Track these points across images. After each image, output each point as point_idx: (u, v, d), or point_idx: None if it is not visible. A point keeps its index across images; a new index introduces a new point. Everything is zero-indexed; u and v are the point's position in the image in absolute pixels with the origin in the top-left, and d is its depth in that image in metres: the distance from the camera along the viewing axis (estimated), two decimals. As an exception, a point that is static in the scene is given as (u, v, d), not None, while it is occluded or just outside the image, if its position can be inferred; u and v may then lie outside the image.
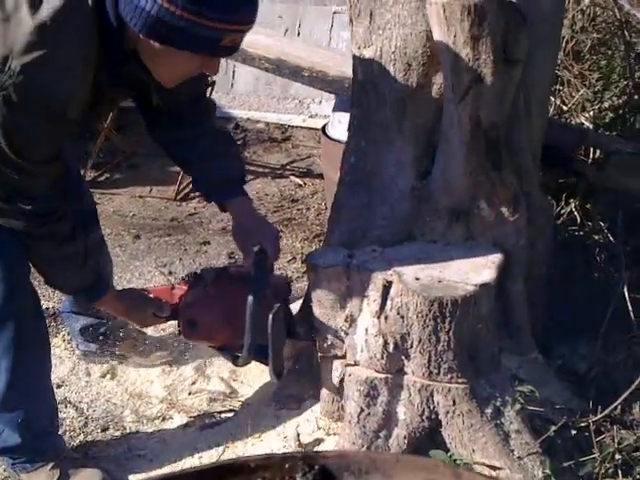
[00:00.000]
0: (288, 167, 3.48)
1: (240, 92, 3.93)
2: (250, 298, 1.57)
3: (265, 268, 1.65)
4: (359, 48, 1.72)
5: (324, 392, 1.80)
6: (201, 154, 1.74)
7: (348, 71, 2.14)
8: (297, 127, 3.83)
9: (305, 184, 3.33)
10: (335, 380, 1.75)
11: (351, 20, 1.73)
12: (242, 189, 1.82)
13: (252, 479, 0.62)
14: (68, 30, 1.29)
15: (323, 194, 3.18)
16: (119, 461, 1.84)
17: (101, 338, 2.15)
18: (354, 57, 1.75)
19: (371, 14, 1.68)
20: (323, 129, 2.57)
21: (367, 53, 1.71)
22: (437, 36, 1.55)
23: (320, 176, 3.37)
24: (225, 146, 1.79)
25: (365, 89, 1.74)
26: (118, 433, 1.94)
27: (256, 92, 3.95)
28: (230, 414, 1.94)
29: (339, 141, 2.37)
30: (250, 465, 0.64)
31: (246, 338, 1.60)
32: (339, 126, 2.40)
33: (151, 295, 1.81)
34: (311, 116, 3.85)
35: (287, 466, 0.63)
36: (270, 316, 1.58)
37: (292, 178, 3.38)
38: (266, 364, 1.68)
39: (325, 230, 2.87)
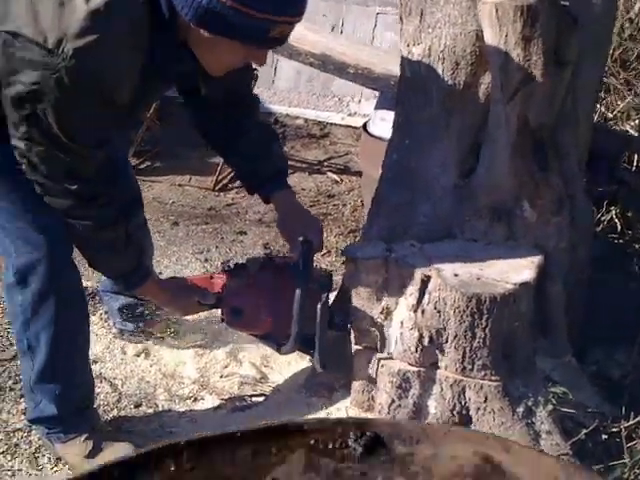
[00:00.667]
0: (325, 163, 3.51)
1: (281, 88, 3.96)
2: (298, 289, 1.61)
3: (311, 259, 1.68)
4: (408, 46, 1.74)
5: (356, 382, 1.82)
6: (246, 147, 1.78)
7: (393, 69, 2.17)
8: (336, 124, 3.85)
9: (342, 181, 3.35)
10: (368, 371, 1.77)
11: (401, 18, 1.76)
12: (285, 182, 1.85)
13: (305, 441, 0.65)
14: (120, 17, 1.32)
15: (359, 191, 3.20)
16: (151, 437, 1.88)
17: (138, 318, 2.21)
18: (402, 55, 1.77)
19: (422, 13, 1.70)
20: (364, 126, 2.59)
21: (416, 51, 1.73)
22: (488, 36, 1.56)
23: (357, 173, 3.40)
24: (269, 140, 1.83)
25: (412, 87, 1.76)
26: (150, 410, 1.99)
27: (297, 88, 3.98)
28: (260, 399, 1.98)
29: (380, 138, 2.39)
30: (304, 427, 0.66)
31: (293, 328, 1.63)
32: (381, 123, 2.42)
33: (192, 283, 1.84)
34: (350, 114, 3.87)
35: (339, 431, 0.66)
36: (318, 306, 1.62)
37: (329, 174, 3.40)
38: (309, 354, 1.72)
39: (360, 226, 2.90)
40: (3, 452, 1.84)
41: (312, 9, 4.03)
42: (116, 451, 1.76)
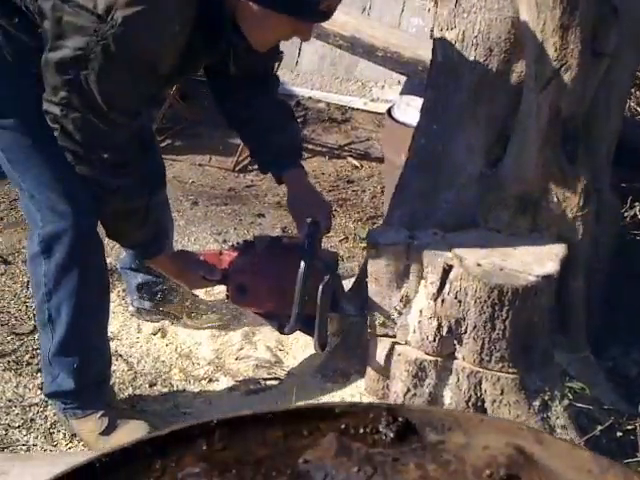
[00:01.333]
0: (346, 148, 3.49)
1: (304, 70, 3.93)
2: (301, 269, 1.60)
3: (317, 240, 1.68)
4: (441, 30, 1.71)
5: (370, 369, 1.82)
6: (261, 126, 1.78)
7: (423, 54, 2.14)
8: (358, 109, 3.82)
9: (362, 166, 3.33)
10: (384, 358, 1.76)
11: (436, 2, 1.73)
12: (298, 162, 1.84)
13: (336, 425, 0.64)
14: None
15: (379, 177, 3.18)
16: (165, 417, 1.89)
17: (156, 296, 2.20)
18: (435, 39, 1.74)
19: (457, -4, 1.67)
20: (388, 111, 2.56)
21: (449, 36, 1.70)
22: (525, 23, 1.53)
23: (377, 160, 3.37)
24: (285, 119, 1.82)
25: (443, 72, 1.73)
26: (165, 390, 1.99)
27: (320, 72, 3.95)
28: (275, 382, 1.98)
29: (405, 124, 2.36)
30: (335, 411, 0.65)
31: (294, 308, 1.63)
32: (406, 109, 2.39)
33: (201, 258, 1.85)
34: (373, 100, 3.83)
35: (371, 415, 0.65)
36: (320, 287, 1.61)
37: (349, 159, 3.38)
38: (311, 335, 1.71)
39: (379, 213, 2.88)
40: (19, 426, 1.85)
41: (339, -8, 3.98)
42: (131, 429, 1.76)
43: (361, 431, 0.64)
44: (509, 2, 1.61)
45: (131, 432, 1.75)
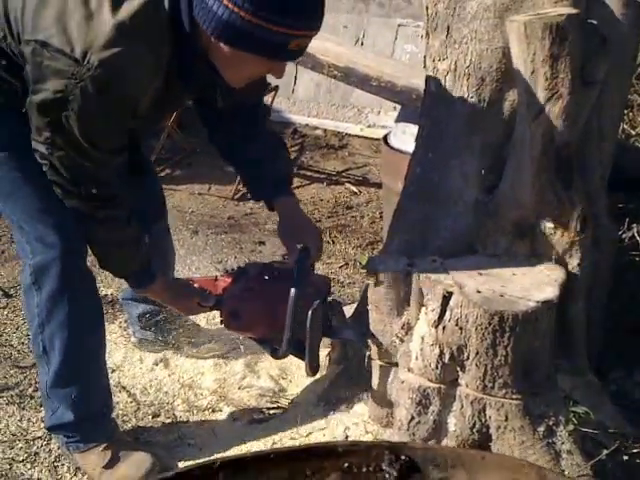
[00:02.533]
0: (344, 174, 3.52)
1: (300, 98, 3.99)
2: (292, 294, 1.63)
3: (307, 266, 1.71)
4: (433, 61, 1.75)
5: (374, 397, 1.82)
6: (252, 155, 1.81)
7: (416, 82, 2.18)
8: (354, 136, 3.87)
9: (360, 192, 3.36)
10: (387, 386, 1.76)
11: (427, 33, 1.76)
12: (289, 189, 1.88)
13: (339, 463, 0.65)
14: (144, 31, 1.36)
15: (378, 203, 3.21)
16: (169, 448, 1.89)
17: (157, 326, 2.21)
18: (427, 69, 1.77)
19: (448, 28, 1.70)
20: (385, 138, 2.59)
21: (441, 66, 1.73)
22: (515, 53, 1.56)
23: (375, 185, 3.41)
24: (274, 148, 1.85)
25: (437, 101, 1.76)
26: (169, 420, 1.99)
27: (316, 99, 4.00)
28: (278, 411, 1.98)
29: (401, 151, 2.39)
30: (338, 450, 0.66)
31: (286, 332, 1.66)
32: (402, 136, 2.42)
33: (196, 285, 1.87)
34: (369, 125, 3.88)
35: (374, 454, 0.66)
36: (309, 312, 1.64)
37: (347, 185, 3.41)
38: (302, 359, 1.73)
39: (378, 239, 2.91)
40: (23, 460, 1.85)
41: (333, 21, 4.08)
42: (135, 462, 1.77)
43: (364, 470, 0.65)
44: (499, 33, 1.64)
45: (135, 465, 1.76)
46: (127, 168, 1.62)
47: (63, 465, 1.85)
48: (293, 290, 1.63)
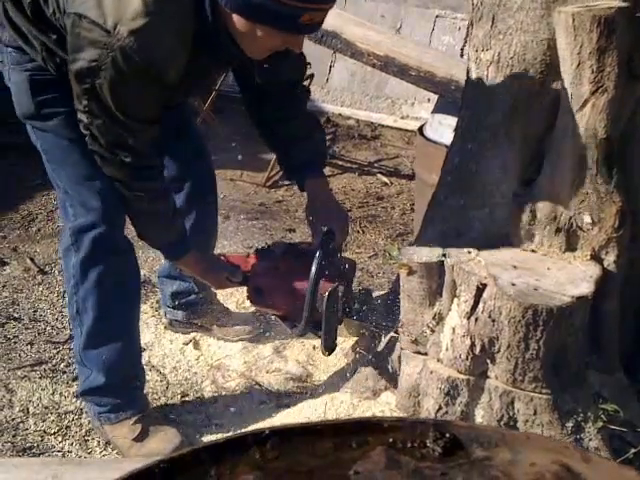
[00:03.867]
0: (375, 165, 3.52)
1: (334, 87, 3.99)
2: (311, 275, 1.67)
3: (329, 248, 1.73)
4: (477, 51, 1.73)
5: (402, 386, 1.82)
6: (288, 133, 1.84)
7: (456, 73, 2.17)
8: (387, 127, 3.86)
9: (391, 183, 3.35)
10: (415, 376, 1.77)
11: (471, 23, 1.75)
12: (320, 172, 1.89)
13: (384, 438, 0.66)
14: (169, 5, 1.43)
15: (409, 194, 3.20)
16: (197, 427, 1.92)
17: (188, 307, 2.24)
18: (470, 60, 1.76)
19: (493, 19, 1.69)
20: (420, 129, 2.58)
21: (485, 57, 1.72)
22: (562, 45, 1.54)
23: (406, 177, 3.40)
24: (310, 130, 1.88)
25: (478, 92, 1.75)
26: (197, 401, 2.02)
27: (350, 89, 4.00)
28: (305, 396, 1.99)
29: (437, 142, 2.38)
30: (383, 425, 0.67)
31: (304, 311, 1.70)
32: (438, 127, 2.41)
33: (227, 260, 1.91)
34: (402, 117, 3.87)
35: (418, 430, 0.66)
36: (325, 294, 1.67)
37: (379, 176, 3.41)
38: (319, 337, 1.76)
39: (408, 230, 2.90)
40: (54, 433, 1.90)
41: (371, 10, 4.07)
42: (164, 437, 1.80)
43: (409, 445, 0.65)
44: (545, 24, 1.62)
45: (164, 439, 1.80)
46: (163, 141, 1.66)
47: (93, 439, 1.89)
48: (312, 270, 1.67)
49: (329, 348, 1.77)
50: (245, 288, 1.87)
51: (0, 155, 3.28)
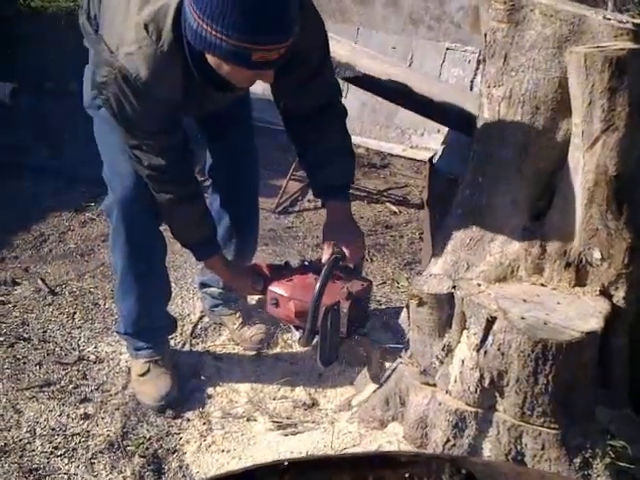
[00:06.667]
0: (385, 194, 3.54)
1: (345, 116, 4.03)
2: (315, 290, 1.75)
3: (335, 266, 1.80)
4: (489, 87, 1.77)
5: (409, 417, 1.82)
6: (314, 157, 1.92)
7: (467, 106, 2.19)
8: (396, 156, 3.89)
9: (400, 212, 3.37)
10: (423, 407, 1.77)
11: (484, 59, 1.78)
12: (342, 194, 1.95)
13: (401, 473, 0.67)
14: (158, 31, 1.55)
15: (418, 224, 3.22)
16: (203, 452, 1.92)
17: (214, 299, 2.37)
18: (482, 95, 1.79)
19: (505, 56, 1.72)
20: (430, 160, 2.61)
21: (496, 93, 1.75)
22: (573, 83, 1.57)
23: (415, 206, 3.42)
24: (338, 154, 1.92)
25: (490, 127, 1.78)
26: (204, 426, 2.02)
27: (361, 118, 4.04)
28: (312, 425, 1.99)
29: (446, 173, 2.40)
30: (401, 459, 0.68)
31: (307, 323, 1.78)
32: (449, 159, 2.44)
33: (256, 268, 1.99)
34: (412, 146, 3.91)
35: (434, 466, 0.67)
36: (322, 309, 1.75)
37: (388, 205, 3.43)
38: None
39: (417, 259, 2.91)
40: (60, 455, 1.90)
41: (383, 41, 4.12)
42: (156, 382, 2.08)
43: (425, 481, 0.66)
44: (557, 63, 1.66)
45: (156, 384, 2.09)
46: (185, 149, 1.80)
47: (100, 462, 1.88)
48: (317, 285, 1.75)
49: (324, 361, 1.84)
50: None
51: (14, 175, 3.32)
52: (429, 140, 3.87)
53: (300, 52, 1.61)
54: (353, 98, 3.96)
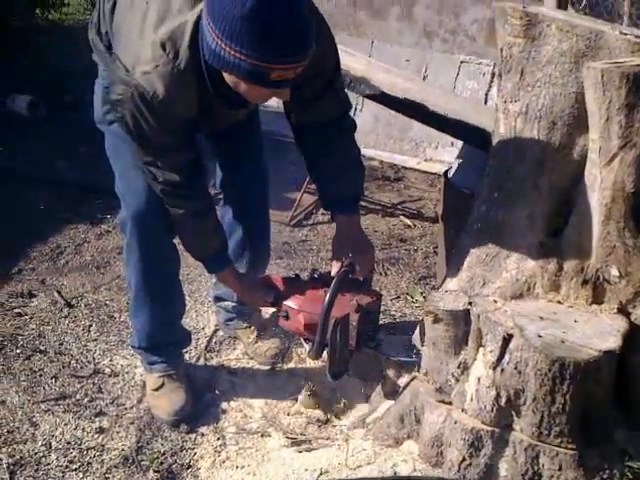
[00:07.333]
0: (399, 207, 3.53)
1: (360, 130, 3.99)
2: (324, 303, 1.75)
3: (344, 279, 1.79)
4: (505, 102, 1.76)
5: (425, 435, 1.80)
6: (324, 171, 1.92)
7: (482, 122, 2.19)
8: (410, 169, 3.88)
9: (414, 225, 3.36)
10: (439, 425, 1.75)
11: (500, 74, 1.78)
12: (351, 208, 1.95)
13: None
14: (176, 49, 1.56)
15: (432, 237, 3.20)
16: (218, 470, 1.91)
17: (230, 313, 2.36)
18: (498, 110, 1.79)
19: (522, 71, 1.72)
20: (445, 174, 2.60)
21: (513, 108, 1.74)
22: (590, 99, 1.56)
23: (429, 219, 3.41)
24: (348, 168, 1.92)
25: (506, 142, 1.77)
26: (219, 442, 2.01)
27: (375, 131, 4.04)
28: (327, 441, 1.98)
29: (462, 188, 2.39)
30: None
31: (317, 335, 1.78)
32: (464, 173, 2.43)
33: (268, 281, 1.99)
34: (426, 159, 3.90)
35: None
36: (331, 322, 1.75)
37: (402, 218, 3.42)
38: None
39: (431, 273, 2.90)
40: (75, 470, 1.90)
41: (397, 54, 4.13)
42: (170, 396, 2.09)
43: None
44: (573, 78, 1.65)
45: (170, 399, 2.09)
46: (197, 165, 1.80)
47: (114, 477, 1.88)
48: (326, 298, 1.75)
49: (334, 374, 1.83)
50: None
51: (32, 188, 3.35)
52: (443, 153, 3.86)
53: (313, 66, 1.62)
54: (367, 111, 3.98)
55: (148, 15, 1.58)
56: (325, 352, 1.80)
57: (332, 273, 1.85)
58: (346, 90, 2.05)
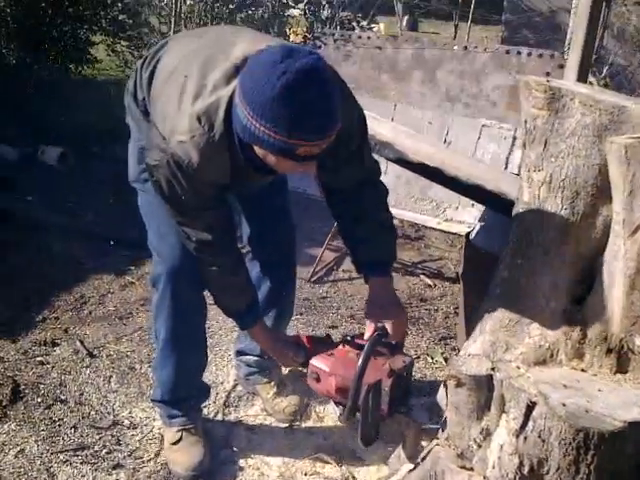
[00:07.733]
0: (419, 266, 3.56)
1: (381, 188, 4.09)
2: (357, 368, 1.74)
3: (377, 343, 1.80)
4: (529, 171, 1.80)
5: (445, 501, 1.78)
6: (355, 234, 1.95)
7: (503, 187, 2.23)
8: (431, 228, 3.92)
9: (435, 285, 3.37)
10: (460, 491, 1.73)
11: (524, 145, 1.83)
12: (384, 271, 1.97)
13: None
14: (211, 123, 1.63)
15: (452, 297, 3.21)
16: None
17: (250, 368, 2.38)
18: (522, 179, 1.83)
19: (546, 142, 1.77)
20: (467, 235, 2.63)
21: (536, 177, 1.78)
22: (614, 172, 1.60)
23: (450, 279, 3.42)
24: (379, 231, 1.95)
25: (530, 210, 1.81)
26: (235, 500, 2.00)
27: (395, 190, 4.10)
28: (345, 504, 1.96)
29: (483, 250, 2.42)
30: None
31: (348, 400, 1.77)
32: (486, 235, 2.46)
33: (298, 340, 2.00)
34: (446, 219, 3.94)
35: None
36: (364, 388, 1.74)
37: (422, 277, 3.44)
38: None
39: (452, 334, 2.90)
40: (93, 522, 1.89)
41: (419, 116, 4.22)
42: (189, 450, 2.11)
43: None
44: (596, 150, 1.69)
45: (189, 453, 2.11)
46: (228, 225, 1.87)
47: (130, 532, 1.88)
48: (358, 364, 1.75)
49: (365, 441, 1.81)
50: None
51: (60, 238, 3.42)
52: (463, 213, 3.90)
53: (340, 137, 1.67)
54: (388, 170, 4.04)
55: (186, 89, 1.66)
56: (356, 417, 1.78)
57: (365, 336, 1.86)
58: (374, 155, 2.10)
